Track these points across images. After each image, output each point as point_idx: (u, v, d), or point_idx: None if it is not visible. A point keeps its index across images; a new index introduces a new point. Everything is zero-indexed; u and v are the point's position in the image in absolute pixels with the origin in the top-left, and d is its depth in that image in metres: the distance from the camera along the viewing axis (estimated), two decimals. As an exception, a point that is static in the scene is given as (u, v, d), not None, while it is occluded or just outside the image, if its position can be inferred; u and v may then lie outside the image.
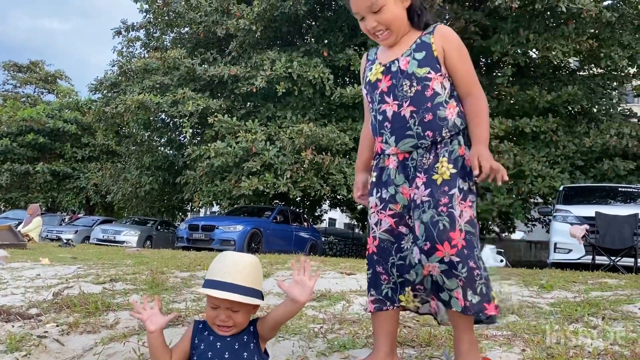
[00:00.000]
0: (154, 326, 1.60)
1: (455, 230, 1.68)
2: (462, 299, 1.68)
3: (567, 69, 16.63)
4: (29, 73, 34.98)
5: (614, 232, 7.16)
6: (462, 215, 1.72)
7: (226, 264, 1.62)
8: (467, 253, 1.68)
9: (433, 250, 1.68)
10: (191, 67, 15.38)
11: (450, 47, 1.80)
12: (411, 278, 1.81)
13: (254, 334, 1.63)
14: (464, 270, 1.67)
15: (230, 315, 1.58)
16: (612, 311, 2.90)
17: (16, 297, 3.49)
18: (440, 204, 1.71)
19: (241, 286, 1.57)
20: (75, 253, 7.81)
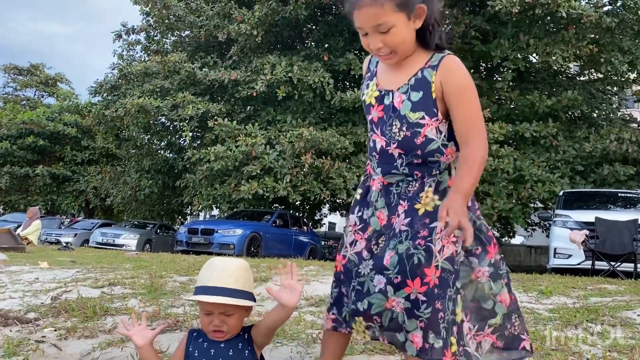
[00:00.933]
0: (142, 341, 1.60)
1: (431, 267, 1.56)
2: (421, 342, 1.54)
3: (567, 74, 16.66)
4: (29, 76, 35.05)
5: (614, 237, 7.15)
6: (443, 250, 1.59)
7: (215, 269, 1.62)
8: (437, 293, 1.55)
9: (402, 285, 1.57)
10: (191, 71, 15.39)
11: (450, 89, 1.61)
12: (361, 307, 1.64)
13: (249, 340, 1.63)
14: (427, 312, 1.54)
15: (224, 320, 1.58)
16: (611, 317, 2.89)
17: (14, 301, 3.48)
18: (419, 237, 1.59)
19: (232, 289, 1.57)
20: (74, 256, 7.80)
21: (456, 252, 1.61)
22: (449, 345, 1.56)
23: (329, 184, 13.40)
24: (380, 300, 1.62)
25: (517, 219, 13.21)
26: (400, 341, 1.59)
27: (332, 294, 1.78)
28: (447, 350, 1.54)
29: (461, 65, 1.64)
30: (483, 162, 1.61)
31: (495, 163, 12.62)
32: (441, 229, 1.56)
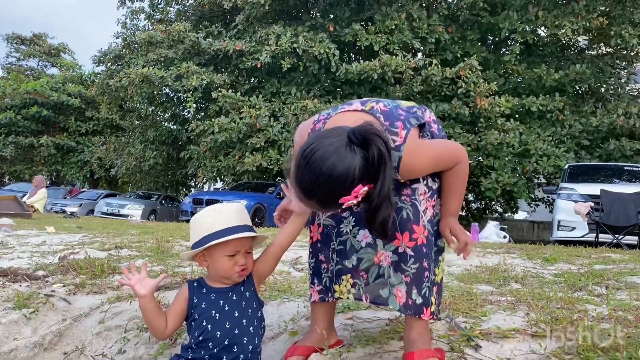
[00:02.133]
0: (144, 290, 1.58)
1: (419, 224, 1.60)
2: (405, 297, 1.58)
3: (576, 47, 16.42)
4: (32, 46, 34.75)
5: (619, 209, 7.13)
6: (426, 212, 1.64)
7: (227, 211, 1.61)
8: (424, 251, 1.59)
9: (392, 238, 1.59)
10: (196, 41, 15.25)
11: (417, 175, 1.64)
12: (349, 265, 1.69)
13: (250, 280, 1.65)
14: (414, 267, 1.58)
15: (247, 258, 1.60)
16: (615, 281, 2.90)
17: (23, 260, 3.52)
18: (403, 193, 1.63)
19: (251, 226, 1.61)
20: (80, 223, 7.85)
21: (434, 214, 1.68)
22: (430, 305, 1.62)
23: (333, 156, 13.36)
24: (369, 255, 1.65)
25: (521, 194, 13.17)
26: (383, 297, 1.63)
27: (310, 265, 1.81)
28: (426, 308, 1.60)
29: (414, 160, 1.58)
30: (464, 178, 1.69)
31: (501, 137, 12.54)
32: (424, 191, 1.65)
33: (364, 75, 13.39)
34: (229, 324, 1.57)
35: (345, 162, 1.36)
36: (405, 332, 1.71)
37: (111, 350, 1.98)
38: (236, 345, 1.56)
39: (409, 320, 1.69)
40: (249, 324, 1.60)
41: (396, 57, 13.19)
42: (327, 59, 13.68)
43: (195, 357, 1.56)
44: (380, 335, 1.90)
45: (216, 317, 1.58)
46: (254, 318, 1.62)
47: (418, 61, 13.41)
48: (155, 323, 1.60)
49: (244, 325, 1.59)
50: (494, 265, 3.60)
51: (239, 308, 1.60)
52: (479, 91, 12.72)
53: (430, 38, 14.07)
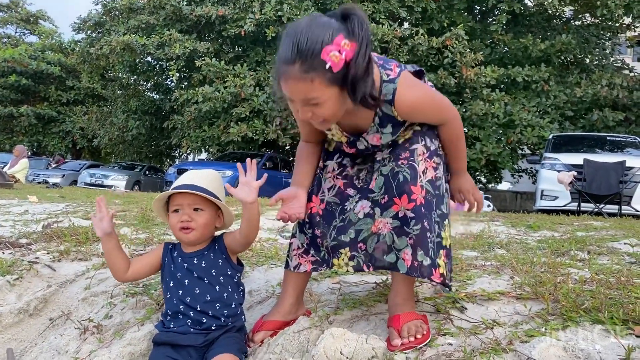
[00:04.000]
0: (99, 231, 1.63)
1: (417, 185, 1.57)
2: (410, 259, 1.54)
3: (562, 18, 16.39)
4: (9, 12, 33.74)
5: (601, 178, 7.24)
6: (426, 172, 1.61)
7: (188, 174, 1.67)
8: (424, 212, 1.55)
9: (390, 204, 1.57)
10: (177, 6, 14.92)
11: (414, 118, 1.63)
12: (346, 239, 1.65)
13: (221, 248, 1.65)
14: (416, 228, 1.54)
15: (191, 215, 1.59)
16: (597, 247, 2.95)
17: (5, 229, 3.47)
18: (401, 157, 1.62)
19: (201, 187, 1.60)
20: (63, 193, 7.76)
21: (435, 176, 1.63)
22: (437, 266, 1.57)
23: (319, 126, 13.30)
24: (367, 225, 1.62)
25: (505, 164, 13.30)
26: (391, 262, 1.58)
27: (307, 235, 1.75)
28: (435, 270, 1.56)
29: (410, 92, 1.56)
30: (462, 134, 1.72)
31: (486, 107, 12.57)
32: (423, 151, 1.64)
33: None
34: (198, 289, 1.59)
35: (324, 19, 1.43)
36: (391, 295, 1.70)
37: (97, 315, 1.97)
38: (211, 310, 1.58)
39: (395, 285, 1.68)
40: (222, 290, 1.61)
41: (382, 26, 13.05)
42: (313, 27, 13.47)
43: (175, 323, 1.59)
44: (367, 298, 1.92)
45: (183, 281, 1.60)
46: (228, 284, 1.63)
47: (404, 30, 13.29)
48: (114, 264, 1.65)
49: (216, 291, 1.60)
50: (478, 232, 3.63)
51: (208, 274, 1.61)
52: (465, 61, 12.69)
53: (416, 7, 13.92)
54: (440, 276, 1.56)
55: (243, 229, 1.62)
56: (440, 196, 1.64)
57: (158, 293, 2.05)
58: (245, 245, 1.68)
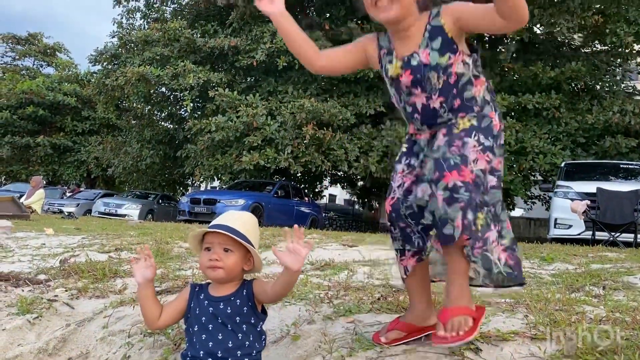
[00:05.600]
0: (140, 278, 1.65)
1: (467, 168, 1.66)
2: (461, 220, 1.62)
3: (571, 45, 16.48)
4: (27, 45, 34.63)
5: (615, 207, 7.18)
6: (477, 162, 1.69)
7: (226, 214, 1.71)
8: (472, 188, 1.64)
9: (440, 177, 1.66)
10: (191, 39, 15.24)
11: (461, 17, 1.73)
12: (426, 221, 1.79)
13: (248, 295, 1.65)
14: (465, 194, 1.63)
15: (221, 256, 1.61)
16: (612, 282, 2.93)
17: (23, 264, 3.53)
18: (453, 145, 1.71)
19: (235, 229, 1.62)
20: (79, 224, 7.85)
21: (488, 169, 1.72)
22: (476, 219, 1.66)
23: (330, 155, 13.40)
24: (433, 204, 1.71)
25: (517, 191, 13.24)
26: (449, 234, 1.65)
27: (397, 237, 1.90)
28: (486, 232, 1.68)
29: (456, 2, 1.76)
30: None
31: (497, 134, 12.56)
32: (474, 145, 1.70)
33: (360, 74, 13.41)
34: (222, 335, 1.59)
35: None
36: (446, 287, 1.77)
37: (115, 355, 2.00)
38: (231, 357, 1.58)
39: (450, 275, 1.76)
40: (244, 338, 1.61)
41: (393, 55, 13.19)
42: (324, 57, 13.66)
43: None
44: (382, 338, 1.93)
45: (207, 326, 1.61)
46: (250, 332, 1.63)
47: (414, 59, 13.42)
48: (148, 311, 1.66)
49: (239, 339, 1.60)
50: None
51: (232, 321, 1.61)
52: (475, 89, 12.74)
53: (426, 36, 14.06)
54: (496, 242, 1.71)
55: (277, 289, 1.62)
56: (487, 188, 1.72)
57: (175, 333, 2.07)
58: (273, 301, 1.71)
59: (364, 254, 4.19)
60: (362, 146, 13.40)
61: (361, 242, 5.25)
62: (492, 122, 1.78)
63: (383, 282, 2.87)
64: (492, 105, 1.82)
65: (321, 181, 21.36)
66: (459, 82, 1.77)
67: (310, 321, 2.15)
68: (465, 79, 1.77)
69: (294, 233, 1.62)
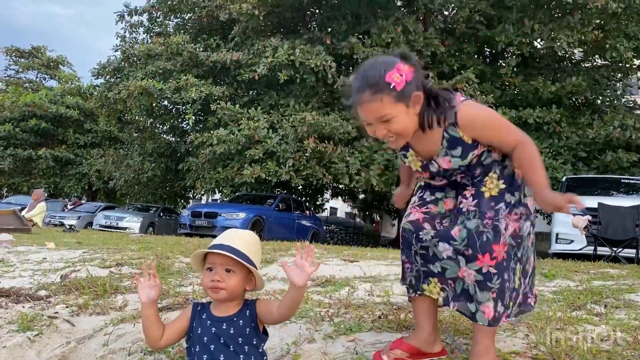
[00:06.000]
0: (145, 297, 1.65)
1: (499, 243, 1.71)
2: (492, 312, 1.71)
3: (572, 59, 16.56)
4: (31, 58, 34.85)
5: (616, 223, 7.17)
6: (507, 228, 1.75)
7: (228, 233, 1.72)
8: (505, 265, 1.71)
9: (473, 258, 1.72)
10: (194, 53, 15.35)
11: (476, 134, 1.78)
12: (435, 270, 1.83)
13: (252, 316, 1.64)
14: (497, 282, 1.70)
15: (223, 276, 1.61)
16: (614, 299, 2.93)
17: (24, 279, 3.53)
18: (486, 217, 1.75)
19: (237, 249, 1.62)
20: (80, 238, 7.85)
21: (518, 228, 1.79)
22: (509, 309, 1.77)
23: (332, 168, 13.42)
24: (453, 267, 1.78)
25: (519, 205, 13.20)
26: (471, 311, 1.75)
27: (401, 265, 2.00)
28: (505, 314, 1.76)
29: (472, 111, 1.77)
30: (537, 154, 1.76)
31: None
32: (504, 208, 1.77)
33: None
34: (223, 356, 1.58)
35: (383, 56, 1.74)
36: (472, 345, 1.83)
37: (115, 374, 1.99)
38: None
39: (476, 334, 1.81)
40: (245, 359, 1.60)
41: (393, 69, 13.26)
42: (324, 71, 13.75)
43: None
44: (383, 358, 1.92)
45: (209, 347, 1.60)
46: (252, 354, 1.62)
47: (415, 74, 13.49)
48: (150, 331, 1.65)
49: None
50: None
51: (234, 342, 1.60)
52: (476, 104, 12.80)
53: (426, 51, 14.17)
54: (507, 318, 1.78)
55: (282, 309, 1.62)
56: (520, 242, 1.80)
57: (175, 351, 2.07)
58: (277, 322, 1.70)
59: (364, 269, 4.18)
60: (363, 159, 13.42)
61: (362, 257, 5.24)
62: (515, 173, 1.83)
63: (384, 299, 2.86)
64: None
65: (322, 194, 21.37)
66: (484, 161, 1.84)
67: (311, 340, 2.15)
68: (489, 159, 1.84)
69: (305, 250, 1.62)
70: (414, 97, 1.70)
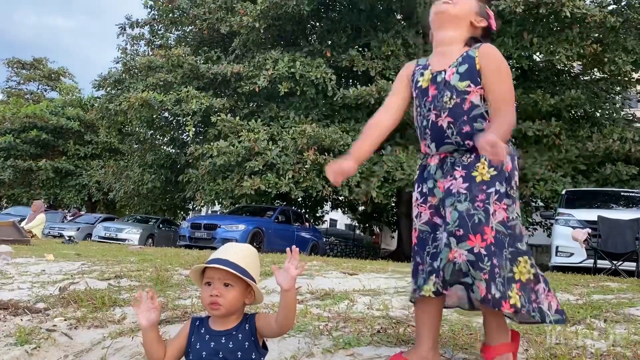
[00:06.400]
0: (145, 322, 1.63)
1: (489, 226, 1.75)
2: (485, 291, 1.72)
3: (571, 73, 16.64)
4: (32, 70, 35.06)
5: (616, 236, 7.17)
6: (495, 214, 1.78)
7: (226, 247, 1.72)
8: (493, 250, 1.74)
9: (465, 238, 1.74)
10: (195, 65, 15.42)
11: (489, 65, 1.87)
12: (436, 265, 1.86)
13: (251, 329, 1.64)
14: (488, 264, 1.72)
15: (222, 291, 1.60)
16: (614, 314, 2.92)
17: (23, 291, 3.52)
18: (477, 199, 1.79)
19: (235, 263, 1.61)
20: (79, 250, 7.84)
21: (507, 218, 1.81)
22: (508, 298, 1.75)
23: (331, 180, 13.39)
24: (445, 253, 1.80)
25: (518, 218, 13.19)
26: (468, 282, 1.77)
27: (412, 267, 2.01)
28: (505, 301, 1.74)
29: (498, 51, 1.91)
30: (511, 127, 1.81)
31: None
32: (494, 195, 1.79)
33: (361, 100, 13.53)
34: None
35: None
36: (484, 325, 1.92)
37: (113, 388, 1.98)
38: None
39: (486, 316, 1.89)
40: None
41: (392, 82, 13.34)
42: (324, 83, 13.82)
43: None
44: (381, 373, 1.92)
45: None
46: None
47: (414, 86, 13.57)
48: (152, 353, 1.64)
49: None
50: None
51: (233, 356, 1.60)
52: (475, 116, 12.84)
53: (426, 64, 14.23)
54: (512, 307, 1.74)
55: (279, 318, 1.62)
56: (514, 235, 1.84)
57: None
58: (279, 334, 1.68)
59: (364, 282, 4.17)
60: (363, 171, 13.44)
61: (362, 270, 5.23)
62: (503, 165, 1.85)
63: (383, 313, 2.86)
64: None
65: (322, 206, 21.35)
66: (472, 111, 1.87)
67: (310, 354, 2.14)
68: (478, 111, 1.87)
69: (291, 254, 1.65)
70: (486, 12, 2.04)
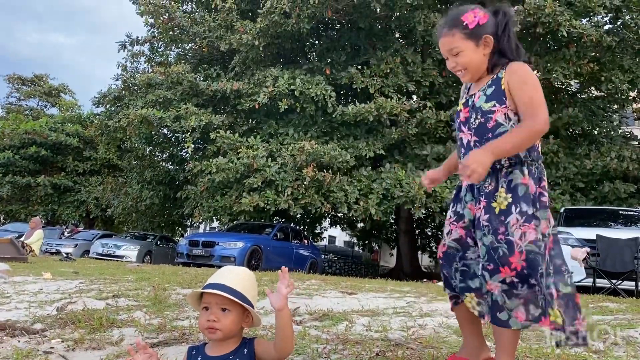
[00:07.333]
0: None
1: (515, 254, 1.78)
2: (525, 315, 1.77)
3: (568, 91, 16.76)
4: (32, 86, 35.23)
5: (615, 255, 7.16)
6: (525, 236, 1.80)
7: (222, 271, 1.72)
8: (527, 272, 1.77)
9: (496, 272, 1.81)
10: (194, 82, 15.50)
11: (513, 79, 1.89)
12: (473, 285, 1.94)
13: (250, 354, 1.63)
14: (523, 289, 1.77)
15: (219, 317, 1.60)
16: (613, 336, 2.91)
17: (20, 311, 3.50)
18: (499, 232, 1.83)
19: (232, 288, 1.62)
20: (76, 267, 7.81)
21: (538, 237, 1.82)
22: (548, 315, 1.80)
23: (330, 197, 13.43)
24: (484, 283, 1.88)
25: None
26: (503, 320, 1.82)
27: (442, 276, 2.10)
28: (544, 317, 1.79)
29: (525, 67, 1.92)
30: (533, 133, 1.83)
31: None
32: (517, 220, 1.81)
33: (360, 117, 13.59)
34: None
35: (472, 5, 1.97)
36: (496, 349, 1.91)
37: (110, 412, 1.97)
38: None
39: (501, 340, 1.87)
40: None
41: (391, 99, 13.43)
42: (324, 100, 13.90)
43: None
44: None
45: None
46: None
47: (412, 104, 13.65)
48: None
49: None
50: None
51: None
52: (473, 134, 12.90)
53: (424, 82, 14.35)
54: (551, 323, 1.79)
55: (277, 341, 1.62)
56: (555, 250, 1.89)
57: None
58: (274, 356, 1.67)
59: (362, 302, 4.15)
60: (362, 188, 13.45)
61: (360, 289, 5.22)
62: (528, 188, 1.86)
63: (382, 335, 2.84)
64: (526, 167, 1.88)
65: (321, 223, 21.32)
66: (497, 129, 1.89)
67: (308, 378, 2.13)
68: (503, 129, 1.89)
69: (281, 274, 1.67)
70: (484, 38, 1.93)
